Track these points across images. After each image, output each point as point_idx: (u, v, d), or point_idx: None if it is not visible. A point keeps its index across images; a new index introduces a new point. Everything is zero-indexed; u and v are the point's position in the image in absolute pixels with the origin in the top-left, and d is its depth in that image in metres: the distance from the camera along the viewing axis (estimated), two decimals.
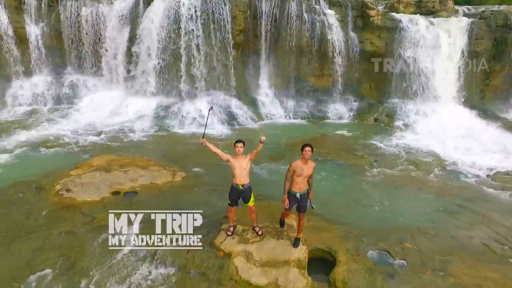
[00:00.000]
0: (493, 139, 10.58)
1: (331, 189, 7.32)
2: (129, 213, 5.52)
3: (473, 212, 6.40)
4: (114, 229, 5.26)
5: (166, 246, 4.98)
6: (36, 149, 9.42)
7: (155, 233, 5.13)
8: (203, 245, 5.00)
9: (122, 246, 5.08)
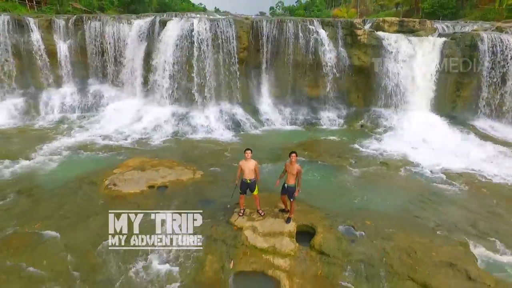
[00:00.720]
0: (456, 144, 12.57)
1: (317, 184, 9.31)
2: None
3: (423, 202, 8.38)
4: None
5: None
6: (78, 152, 11.42)
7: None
8: (223, 223, 7.00)
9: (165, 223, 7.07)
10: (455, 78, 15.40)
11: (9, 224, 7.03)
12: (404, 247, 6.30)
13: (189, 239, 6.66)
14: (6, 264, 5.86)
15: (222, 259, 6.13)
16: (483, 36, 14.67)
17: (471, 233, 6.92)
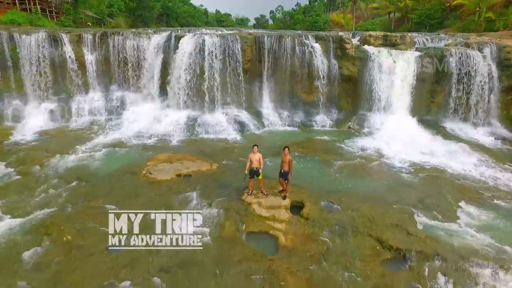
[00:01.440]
0: (425, 142, 15.00)
1: (307, 173, 11.75)
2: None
3: (388, 186, 10.82)
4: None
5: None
6: (114, 149, 13.87)
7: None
8: (236, 200, 9.44)
9: (189, 204, 9.52)
10: (429, 86, 17.82)
11: (79, 200, 9.49)
12: (367, 215, 8.75)
13: (212, 210, 9.12)
14: (86, 225, 8.30)
15: (237, 223, 8.57)
16: (452, 51, 17.11)
17: (418, 207, 9.37)
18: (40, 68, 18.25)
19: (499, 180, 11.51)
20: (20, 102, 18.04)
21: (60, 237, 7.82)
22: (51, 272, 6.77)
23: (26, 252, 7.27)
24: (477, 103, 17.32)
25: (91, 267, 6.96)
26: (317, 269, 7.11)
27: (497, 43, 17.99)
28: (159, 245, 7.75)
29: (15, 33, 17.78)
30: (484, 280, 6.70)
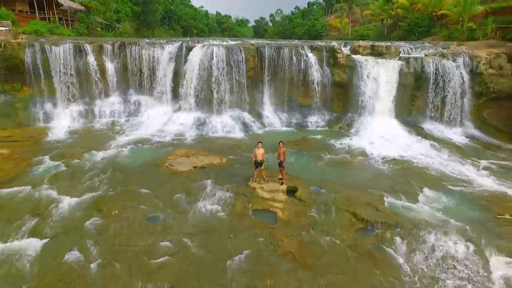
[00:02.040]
0: (404, 140, 17.33)
1: (301, 165, 14.07)
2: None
3: (367, 176, 13.14)
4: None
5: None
6: (138, 146, 16.20)
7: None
8: (243, 185, 11.76)
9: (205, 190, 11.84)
10: (410, 91, 20.17)
11: (117, 186, 11.81)
12: (346, 197, 11.08)
13: (225, 194, 11.43)
14: (127, 204, 10.62)
15: (244, 203, 10.88)
16: (429, 61, 19.45)
17: (388, 191, 11.70)
18: (67, 75, 20.53)
19: (458, 172, 13.86)
20: (51, 105, 20.32)
21: (109, 211, 10.14)
22: (108, 234, 9.08)
23: (87, 222, 9.58)
24: (451, 106, 19.66)
25: (136, 232, 9.27)
26: (306, 234, 9.43)
27: (470, 53, 20.34)
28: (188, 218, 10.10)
29: (46, 44, 20.06)
30: (429, 241, 9.02)
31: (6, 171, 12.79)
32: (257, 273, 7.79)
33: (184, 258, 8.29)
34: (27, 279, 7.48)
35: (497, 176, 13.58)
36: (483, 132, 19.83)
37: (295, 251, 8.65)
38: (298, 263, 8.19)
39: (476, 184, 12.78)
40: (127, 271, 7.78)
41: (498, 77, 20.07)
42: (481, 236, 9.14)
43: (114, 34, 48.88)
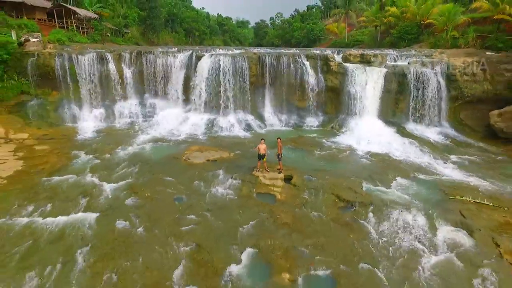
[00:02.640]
0: (386, 139, 19.80)
1: (296, 159, 16.60)
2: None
3: (350, 167, 15.69)
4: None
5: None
6: (157, 143, 18.75)
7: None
8: (249, 174, 14.31)
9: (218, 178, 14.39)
10: (394, 96, 22.69)
11: (146, 175, 14.35)
12: (332, 183, 13.63)
13: (234, 181, 13.97)
14: (156, 188, 13.16)
15: (250, 188, 13.42)
16: (410, 69, 21.99)
17: (367, 179, 14.22)
18: (91, 81, 23.07)
19: (428, 164, 16.40)
20: (77, 107, 22.86)
21: (143, 194, 12.69)
22: (145, 210, 11.62)
23: (126, 200, 12.14)
24: (429, 109, 22.19)
25: (167, 208, 11.81)
26: (299, 211, 11.96)
27: (447, 62, 22.88)
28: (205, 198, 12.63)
29: (73, 54, 22.61)
30: (394, 215, 11.53)
31: (52, 163, 15.35)
32: (260, 236, 10.33)
33: (205, 226, 10.83)
34: (89, 239, 10.01)
35: (461, 168, 16.11)
36: (459, 131, 22.35)
37: (290, 222, 11.18)
38: (292, 230, 10.73)
39: (441, 174, 15.32)
40: (163, 234, 10.32)
41: (471, 83, 22.63)
42: (435, 211, 11.67)
43: (124, 39, 51.45)
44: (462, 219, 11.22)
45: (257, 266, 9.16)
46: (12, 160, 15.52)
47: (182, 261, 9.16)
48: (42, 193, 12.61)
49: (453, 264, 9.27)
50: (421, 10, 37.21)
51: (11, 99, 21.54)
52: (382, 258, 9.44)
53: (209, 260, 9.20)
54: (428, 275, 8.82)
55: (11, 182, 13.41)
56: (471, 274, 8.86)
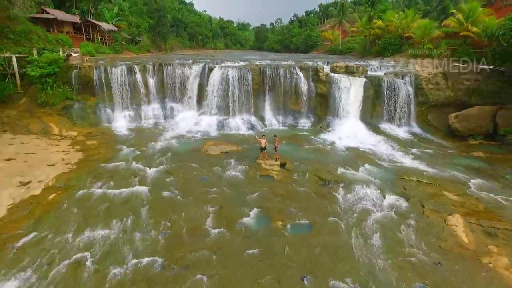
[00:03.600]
0: (362, 136, 24.33)
1: (290, 151, 21.11)
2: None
3: (330, 157, 20.21)
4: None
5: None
6: (180, 139, 23.30)
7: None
8: (254, 162, 18.86)
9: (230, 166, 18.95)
10: (371, 101, 27.19)
11: (176, 162, 18.90)
12: (315, 168, 18.17)
13: (243, 166, 18.51)
14: (186, 171, 17.71)
15: (254, 171, 17.96)
16: (384, 79, 26.51)
17: (342, 165, 18.74)
18: (122, 88, 27.61)
19: (392, 155, 20.92)
20: (110, 110, 27.40)
21: (177, 175, 17.23)
22: (180, 185, 16.13)
23: (166, 179, 16.68)
24: (400, 111, 26.72)
25: (195, 185, 16.34)
26: (290, 186, 16.47)
27: (415, 73, 27.40)
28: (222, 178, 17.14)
29: (108, 66, 27.16)
30: (357, 189, 16.04)
31: (104, 154, 19.90)
32: (262, 202, 14.85)
33: (223, 195, 15.35)
34: (146, 202, 14.51)
35: (417, 159, 20.62)
36: (425, 130, 26.87)
37: (283, 193, 15.72)
38: (284, 198, 15.26)
39: (400, 162, 19.85)
40: (195, 200, 14.84)
41: (435, 91, 27.19)
42: (386, 187, 16.20)
43: (137, 47, 55.99)
44: (404, 191, 15.78)
45: (260, 218, 13.69)
46: (73, 152, 20.08)
47: (211, 215, 13.69)
48: (104, 174, 17.16)
49: (391, 217, 13.80)
50: (402, 24, 41.73)
51: (58, 104, 26.06)
52: (344, 214, 13.97)
53: (229, 215, 13.73)
54: (373, 223, 13.35)
55: (79, 167, 17.98)
56: (401, 222, 13.38)
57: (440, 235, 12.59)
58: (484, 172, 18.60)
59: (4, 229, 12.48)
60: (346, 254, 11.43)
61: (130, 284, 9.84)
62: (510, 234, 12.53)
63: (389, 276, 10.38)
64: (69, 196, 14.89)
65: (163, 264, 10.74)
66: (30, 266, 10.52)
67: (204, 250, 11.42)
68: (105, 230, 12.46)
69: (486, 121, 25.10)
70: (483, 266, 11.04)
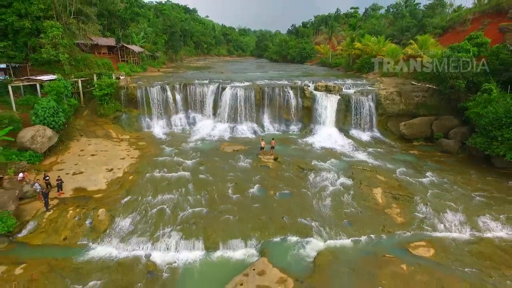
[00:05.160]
0: (335, 139, 32.67)
1: (281, 150, 29.35)
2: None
3: (308, 154, 28.58)
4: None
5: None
6: (203, 141, 31.72)
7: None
8: (256, 156, 27.31)
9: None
10: (343, 112, 35.50)
11: (204, 156, 27.28)
12: (297, 161, 26.57)
13: (249, 159, 26.93)
14: (211, 163, 26.13)
15: (257, 163, 26.34)
16: (352, 96, 34.90)
17: (316, 159, 27.08)
18: (157, 102, 36.01)
19: (352, 153, 29.30)
20: (149, 119, 35.80)
21: (206, 165, 25.62)
22: (209, 171, 24.48)
23: (199, 167, 25.10)
24: (364, 121, 35.09)
25: (219, 171, 24.64)
26: (280, 172, 24.80)
27: (376, 92, 35.80)
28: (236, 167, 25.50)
29: (147, 86, 35.59)
30: (322, 174, 24.36)
31: (153, 151, 28.31)
32: (262, 180, 23.21)
33: (237, 177, 23.68)
34: (190, 181, 22.89)
35: (369, 155, 28.98)
36: (383, 134, 35.20)
37: (275, 176, 24.10)
38: (275, 179, 23.65)
39: (356, 158, 28.20)
40: (220, 179, 23.17)
41: (391, 105, 35.57)
42: (341, 172, 24.56)
43: (156, 62, 64.37)
44: (351, 175, 24.16)
45: (260, 189, 22.05)
46: (132, 150, 28.51)
47: (230, 188, 22.04)
48: (158, 164, 25.54)
49: (339, 190, 22.15)
50: (375, 47, 50.10)
51: (111, 115, 34.46)
52: (311, 188, 22.33)
53: (241, 188, 22.10)
54: (327, 193, 21.68)
55: (140, 160, 26.39)
56: (345, 192, 21.72)
57: (366, 199, 21.00)
58: (410, 163, 27.03)
59: (110, 195, 20.88)
60: (309, 208, 19.85)
61: (192, 222, 18.22)
62: (406, 198, 20.94)
63: (330, 218, 18.83)
64: (141, 177, 23.31)
65: (207, 211, 19.18)
66: (134, 211, 18.96)
67: (229, 204, 19.86)
68: (170, 195, 20.88)
69: (426, 128, 33.47)
70: (385, 213, 19.48)
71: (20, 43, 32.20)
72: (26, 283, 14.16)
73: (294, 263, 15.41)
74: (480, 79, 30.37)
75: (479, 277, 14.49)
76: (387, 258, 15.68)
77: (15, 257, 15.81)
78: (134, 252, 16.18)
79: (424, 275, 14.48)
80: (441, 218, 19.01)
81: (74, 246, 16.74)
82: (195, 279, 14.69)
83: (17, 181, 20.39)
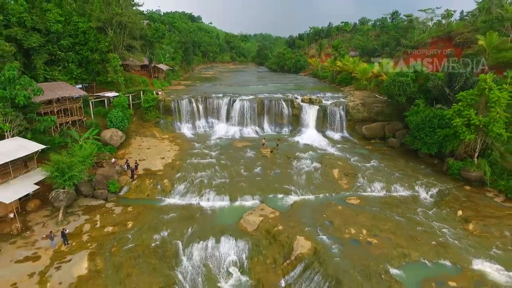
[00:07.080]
0: (315, 138, 44.05)
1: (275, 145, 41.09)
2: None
3: (295, 149, 40.11)
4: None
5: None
6: (220, 139, 43.27)
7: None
8: (259, 151, 38.91)
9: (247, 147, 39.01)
10: (322, 119, 46.96)
11: (223, 150, 38.87)
12: (287, 153, 38.08)
13: (254, 151, 38.50)
14: (229, 154, 37.72)
15: (258, 154, 37.91)
16: (328, 107, 46.40)
17: (299, 152, 38.51)
18: (185, 111, 47.57)
19: (325, 148, 40.79)
20: (179, 123, 47.37)
21: (225, 155, 37.17)
22: (228, 159, 36.04)
23: (220, 156, 36.70)
24: (336, 124, 46.59)
25: (235, 160, 36.16)
26: (275, 160, 36.32)
27: (346, 104, 47.31)
28: (245, 157, 37.03)
29: (179, 99, 47.18)
30: (302, 161, 35.85)
31: (188, 146, 39.88)
32: (262, 164, 34.74)
33: (246, 162, 35.21)
34: (216, 164, 34.43)
35: (337, 149, 40.43)
36: (351, 135, 46.62)
37: (270, 163, 35.64)
38: (271, 164, 35.20)
39: (328, 151, 39.67)
40: (235, 164, 34.70)
41: (357, 113, 47.10)
42: (314, 160, 36.02)
43: (175, 76, 75.93)
44: (321, 161, 35.66)
45: (261, 170, 33.60)
46: (173, 145, 40.08)
47: (242, 169, 33.63)
48: (193, 155, 37.07)
49: (312, 170, 33.62)
50: (352, 66, 61.54)
51: (153, 120, 46.06)
52: (294, 169, 33.86)
53: (249, 168, 33.62)
54: (304, 172, 33.22)
55: (180, 152, 37.96)
56: (315, 172, 33.24)
57: (327, 175, 32.57)
58: (363, 155, 38.54)
59: (167, 172, 32.50)
60: (291, 180, 31.40)
61: (221, 186, 29.81)
62: (352, 175, 32.48)
63: (303, 185, 30.45)
64: (184, 162, 34.88)
65: (229, 181, 30.81)
66: (185, 181, 30.60)
67: (242, 177, 31.52)
68: (205, 172, 32.51)
69: (380, 130, 44.96)
70: (337, 183, 31.10)
71: (90, 69, 43.78)
72: (136, 214, 25.79)
73: (280, 206, 27.00)
74: (416, 95, 41.80)
75: (380, 212, 26.05)
76: (332, 204, 27.27)
77: (123, 204, 27.49)
78: (190, 201, 27.87)
79: (349, 210, 26.05)
80: (371, 185, 30.56)
81: (154, 199, 28.41)
82: (225, 214, 26.29)
83: (111, 163, 32.04)
